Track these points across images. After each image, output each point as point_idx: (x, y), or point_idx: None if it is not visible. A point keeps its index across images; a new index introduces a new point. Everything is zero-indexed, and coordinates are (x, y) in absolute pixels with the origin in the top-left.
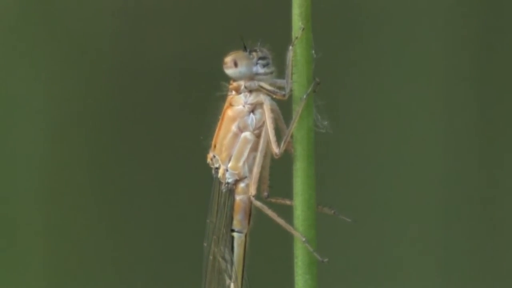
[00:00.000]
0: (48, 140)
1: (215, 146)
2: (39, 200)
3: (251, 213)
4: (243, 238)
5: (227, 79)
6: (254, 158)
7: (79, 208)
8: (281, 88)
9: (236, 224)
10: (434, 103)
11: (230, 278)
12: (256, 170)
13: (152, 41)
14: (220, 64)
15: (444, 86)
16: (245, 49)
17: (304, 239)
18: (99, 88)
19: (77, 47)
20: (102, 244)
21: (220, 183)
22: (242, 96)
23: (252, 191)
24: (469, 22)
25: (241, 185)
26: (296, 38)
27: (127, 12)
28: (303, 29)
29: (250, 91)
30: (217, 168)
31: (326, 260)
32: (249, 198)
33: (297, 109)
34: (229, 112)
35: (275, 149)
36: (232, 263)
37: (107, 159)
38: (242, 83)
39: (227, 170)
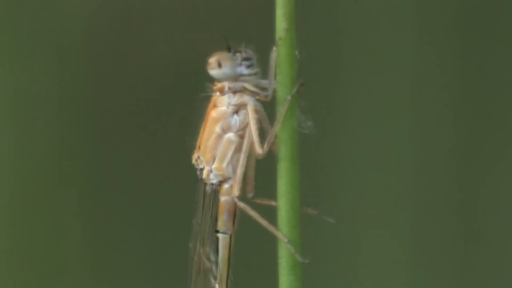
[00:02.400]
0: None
1: (199, 147)
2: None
3: (236, 214)
4: (227, 239)
5: (212, 80)
6: (238, 159)
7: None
8: (265, 89)
9: (220, 225)
10: (420, 105)
11: (215, 279)
12: (240, 171)
13: (137, 43)
14: (204, 65)
15: (430, 88)
16: (229, 50)
17: (286, 240)
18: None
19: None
20: (83, 246)
21: (205, 184)
22: (226, 97)
23: (236, 192)
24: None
25: (226, 186)
26: (280, 38)
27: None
28: (287, 29)
29: (234, 92)
30: (202, 169)
31: (307, 261)
32: (233, 199)
33: (281, 110)
34: (213, 113)
35: (259, 150)
36: (217, 264)
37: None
38: (226, 84)
39: (211, 171)
